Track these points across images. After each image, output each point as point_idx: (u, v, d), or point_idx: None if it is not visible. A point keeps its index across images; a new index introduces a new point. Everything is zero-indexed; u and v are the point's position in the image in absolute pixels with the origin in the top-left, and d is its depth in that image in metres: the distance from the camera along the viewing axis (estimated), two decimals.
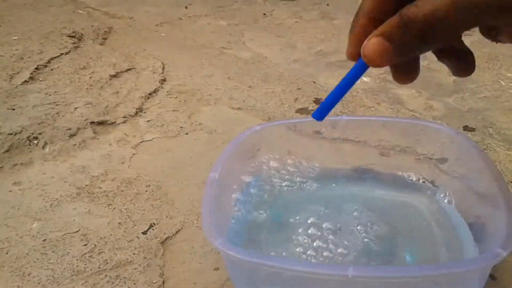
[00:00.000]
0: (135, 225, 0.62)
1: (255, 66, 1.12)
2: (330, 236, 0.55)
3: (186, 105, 0.94)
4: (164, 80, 1.05)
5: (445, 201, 0.59)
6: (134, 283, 0.53)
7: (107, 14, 1.52)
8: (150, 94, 0.98)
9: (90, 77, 1.02)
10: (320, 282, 0.43)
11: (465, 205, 0.56)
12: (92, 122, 0.85)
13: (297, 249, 0.54)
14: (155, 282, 0.53)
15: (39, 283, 0.54)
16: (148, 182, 0.71)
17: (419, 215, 0.59)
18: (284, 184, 0.64)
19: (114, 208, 0.65)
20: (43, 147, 0.78)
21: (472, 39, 1.21)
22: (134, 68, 1.09)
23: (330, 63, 1.13)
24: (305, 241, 0.55)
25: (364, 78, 1.04)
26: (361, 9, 0.31)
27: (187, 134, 0.84)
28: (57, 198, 0.67)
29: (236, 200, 0.58)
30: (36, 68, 1.04)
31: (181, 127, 0.86)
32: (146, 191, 0.69)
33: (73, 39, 1.22)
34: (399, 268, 0.44)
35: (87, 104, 0.90)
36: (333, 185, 0.64)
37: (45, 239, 0.60)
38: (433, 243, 0.54)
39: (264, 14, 1.53)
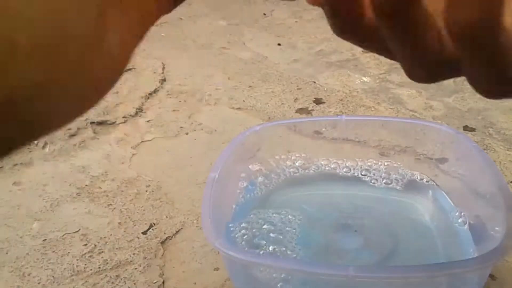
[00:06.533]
0: (135, 225, 0.62)
1: (255, 66, 1.12)
2: (331, 235, 0.55)
3: (186, 105, 0.94)
4: (164, 80, 1.05)
5: (445, 201, 0.59)
6: (134, 283, 0.53)
7: None
8: (150, 94, 0.98)
9: None
10: (320, 282, 0.43)
11: (465, 205, 0.56)
12: (92, 122, 0.85)
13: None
14: (155, 282, 0.53)
15: (39, 283, 0.54)
16: (148, 182, 0.71)
17: (419, 215, 0.59)
18: (284, 182, 0.64)
19: (114, 208, 0.65)
20: (43, 147, 0.78)
21: None
22: (134, 68, 1.09)
23: (330, 63, 1.13)
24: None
25: (364, 78, 1.04)
26: None
27: (187, 134, 0.84)
28: (57, 198, 0.67)
29: (236, 199, 0.58)
30: None
31: (181, 127, 0.86)
32: (146, 191, 0.69)
33: None
34: (399, 268, 0.44)
35: None
36: (332, 185, 0.64)
37: (45, 239, 0.60)
38: (433, 243, 0.54)
39: (264, 14, 1.53)
